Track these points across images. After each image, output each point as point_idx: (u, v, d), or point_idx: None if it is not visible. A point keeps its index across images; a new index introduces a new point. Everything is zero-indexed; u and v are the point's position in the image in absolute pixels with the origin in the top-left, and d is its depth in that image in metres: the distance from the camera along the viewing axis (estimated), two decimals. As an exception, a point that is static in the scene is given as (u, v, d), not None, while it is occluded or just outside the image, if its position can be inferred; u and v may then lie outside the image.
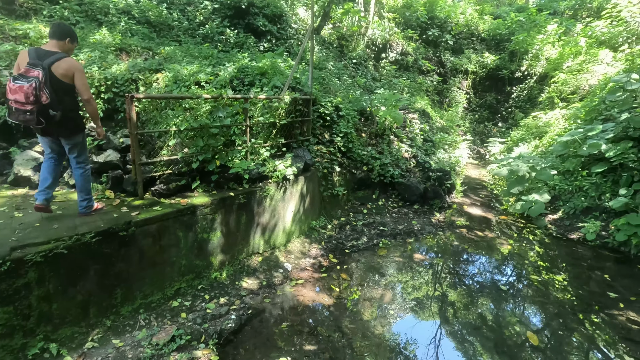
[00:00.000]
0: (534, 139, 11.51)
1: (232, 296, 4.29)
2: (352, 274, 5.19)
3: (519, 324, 4.55)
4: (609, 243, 6.38)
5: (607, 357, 4.01)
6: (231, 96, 4.73)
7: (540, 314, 4.75)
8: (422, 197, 7.77)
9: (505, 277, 5.72)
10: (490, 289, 5.25)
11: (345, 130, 7.40)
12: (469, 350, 4.01)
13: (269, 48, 10.26)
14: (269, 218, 5.10)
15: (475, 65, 16.71)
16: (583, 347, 4.19)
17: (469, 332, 4.28)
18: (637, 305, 4.85)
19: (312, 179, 5.94)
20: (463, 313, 4.64)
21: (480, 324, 4.44)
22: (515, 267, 5.96)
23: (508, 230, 7.34)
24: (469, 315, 4.61)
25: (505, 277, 5.69)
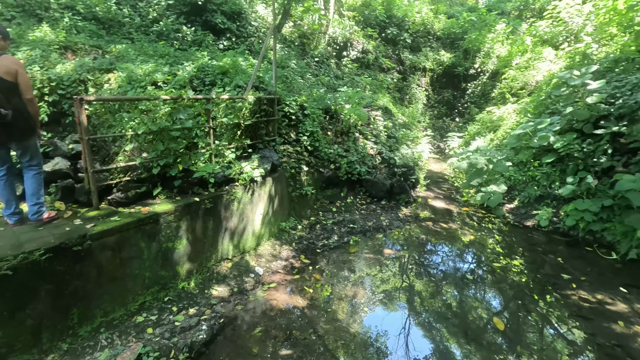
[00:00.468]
0: (489, 133, 12.14)
1: (201, 306, 4.11)
2: (324, 274, 5.17)
3: (481, 308, 4.79)
4: (560, 228, 6.86)
5: (562, 334, 4.31)
6: (192, 97, 4.51)
7: (500, 298, 5.01)
8: (389, 193, 7.93)
9: (468, 265, 5.97)
10: (455, 277, 5.46)
11: (311, 129, 7.37)
12: (436, 336, 4.16)
13: (229, 46, 9.97)
14: (237, 222, 4.94)
15: (432, 63, 17.32)
16: (540, 326, 4.47)
17: (436, 319, 4.42)
18: (587, 284, 5.25)
19: (280, 180, 5.85)
20: (430, 302, 4.78)
21: (446, 310, 4.60)
22: (477, 255, 6.25)
23: (470, 220, 7.68)
24: (436, 303, 4.76)
25: (468, 265, 5.95)
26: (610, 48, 10.14)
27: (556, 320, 4.60)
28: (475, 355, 3.86)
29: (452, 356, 3.86)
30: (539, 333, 4.38)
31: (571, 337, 4.27)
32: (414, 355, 3.83)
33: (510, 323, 4.43)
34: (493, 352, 3.93)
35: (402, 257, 5.95)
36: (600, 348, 4.01)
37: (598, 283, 5.28)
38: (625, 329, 4.29)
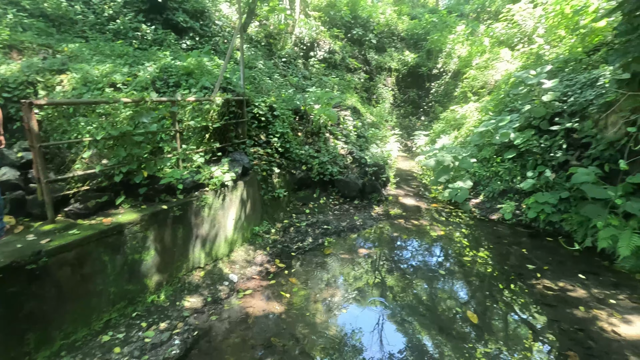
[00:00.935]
0: (453, 131, 12.58)
1: (173, 319, 3.91)
2: (300, 277, 5.11)
3: (451, 299, 4.95)
4: (523, 220, 7.23)
5: (528, 322, 4.52)
6: (156, 99, 4.28)
7: (469, 289, 5.19)
8: (361, 192, 7.99)
9: (438, 259, 6.14)
10: (426, 272, 5.58)
11: (282, 130, 7.26)
12: (408, 330, 4.26)
13: (192, 46, 9.62)
14: (208, 228, 4.76)
15: (397, 63, 17.71)
16: (508, 315, 4.67)
17: (409, 313, 4.49)
18: (549, 273, 5.56)
19: (251, 183, 5.70)
20: (403, 297, 4.85)
21: (418, 304, 4.69)
22: (446, 249, 6.43)
23: (439, 216, 7.91)
24: (408, 298, 4.84)
25: (439, 259, 6.11)
26: (560, 49, 10.83)
27: (523, 308, 4.81)
28: (446, 345, 3.97)
29: (424, 347, 3.93)
30: (506, 322, 4.57)
31: (537, 324, 4.49)
32: (389, 350, 3.87)
33: (479, 313, 4.58)
34: (463, 340, 4.06)
35: (376, 256, 6.01)
36: (564, 333, 4.24)
37: (559, 271, 5.60)
38: (586, 314, 4.57)
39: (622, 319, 4.47)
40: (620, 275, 5.52)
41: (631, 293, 5.04)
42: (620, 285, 5.24)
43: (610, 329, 4.28)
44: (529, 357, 3.93)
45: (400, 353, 3.87)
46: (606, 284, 5.25)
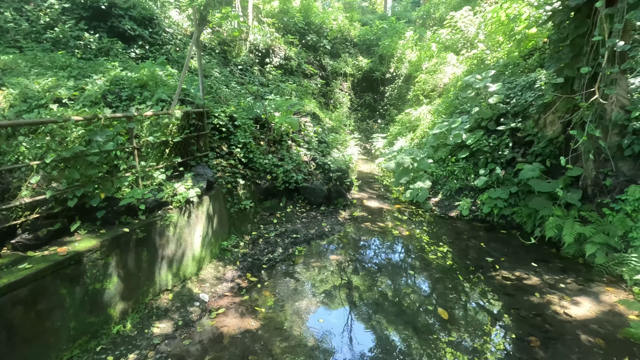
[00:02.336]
0: (409, 133, 13.13)
1: (143, 348, 3.69)
2: (274, 290, 5.04)
3: (415, 294, 5.19)
4: (479, 215, 7.71)
5: (490, 311, 4.83)
6: (110, 115, 4.01)
7: (432, 283, 5.44)
8: (327, 198, 8.06)
9: (403, 257, 6.37)
10: (394, 271, 5.77)
11: (244, 140, 7.14)
12: (376, 327, 4.41)
13: (142, 55, 9.16)
14: (175, 248, 4.55)
15: (352, 68, 18.14)
16: (470, 306, 4.96)
17: (378, 312, 4.61)
18: (506, 264, 5.98)
19: (217, 197, 5.54)
20: (373, 297, 4.97)
21: (387, 303, 4.83)
22: (410, 248, 6.69)
23: (402, 216, 8.20)
24: (377, 298, 4.96)
25: (404, 257, 6.34)
26: (499, 54, 11.74)
27: (484, 298, 5.13)
28: (412, 338, 4.15)
29: (392, 343, 4.06)
30: (469, 312, 4.85)
31: (499, 312, 4.81)
32: (359, 350, 3.94)
33: (443, 306, 4.81)
34: (428, 332, 4.27)
35: (346, 260, 6.09)
36: (523, 319, 4.58)
37: (514, 261, 6.05)
38: (541, 299, 4.97)
39: (572, 301, 4.92)
40: (566, 260, 6.08)
41: (577, 276, 5.57)
42: (567, 270, 5.78)
43: (563, 312, 4.69)
44: (492, 344, 4.20)
45: (371, 351, 3.99)
46: (555, 270, 5.76)
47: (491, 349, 4.11)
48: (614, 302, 4.87)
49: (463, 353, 3.96)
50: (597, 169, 6.24)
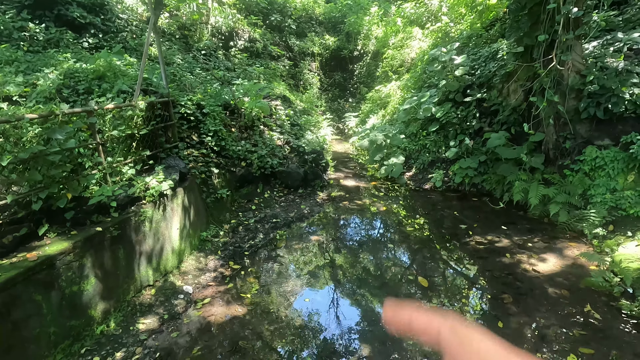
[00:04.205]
0: (380, 110, 13.23)
1: (130, 345, 3.65)
2: (258, 275, 5.08)
3: (396, 266, 5.41)
4: (452, 186, 8.00)
5: (466, 275, 5.10)
6: (68, 111, 3.79)
7: (411, 254, 5.67)
8: (304, 181, 8.08)
9: (382, 232, 6.56)
10: (374, 246, 5.95)
11: (214, 128, 6.97)
12: (361, 301, 4.56)
13: (96, 44, 8.62)
14: (152, 243, 4.46)
15: (319, 48, 17.87)
16: (447, 272, 5.22)
17: (362, 286, 4.78)
18: (479, 229, 6.27)
19: (191, 188, 5.43)
20: (357, 273, 5.13)
21: (370, 277, 5.01)
22: (388, 222, 6.89)
23: (378, 193, 8.37)
24: (361, 273, 5.13)
25: (383, 232, 6.54)
26: (463, 26, 11.90)
27: (460, 264, 5.41)
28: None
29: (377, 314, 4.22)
30: (447, 278, 5.10)
31: (474, 275, 5.09)
32: (346, 324, 4.08)
33: (423, 274, 5.04)
34: (409, 299, 4.44)
35: (327, 240, 6.20)
36: (496, 279, 4.87)
37: (486, 226, 6.36)
38: (511, 260, 5.29)
39: (539, 259, 5.27)
40: (533, 221, 6.46)
41: (542, 235, 5.95)
42: (534, 230, 6.14)
43: (531, 269, 5.02)
44: (470, 306, 4.46)
45: (358, 325, 4.13)
46: (523, 231, 6.11)
47: (470, 311, 4.36)
48: (576, 256, 5.25)
49: (443, 316, 4.18)
50: (557, 133, 6.58)
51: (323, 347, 3.84)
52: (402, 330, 0.52)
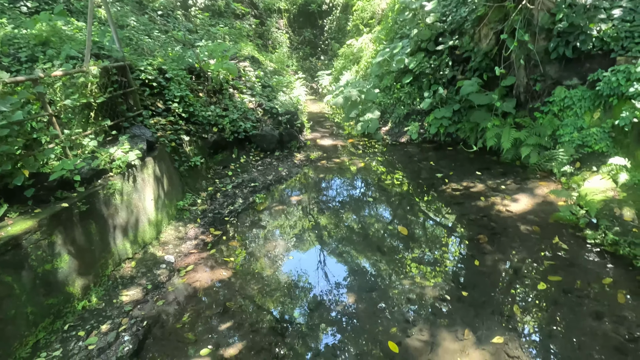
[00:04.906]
0: (353, 65, 12.88)
1: (115, 317, 3.62)
2: (240, 239, 5.07)
3: (378, 222, 5.50)
4: (427, 137, 8.05)
5: (445, 221, 5.27)
6: (10, 80, 3.44)
7: (392, 208, 5.78)
8: (280, 143, 7.92)
9: (362, 189, 6.62)
10: (355, 204, 6.02)
11: (180, 93, 6.59)
12: (347, 259, 4.63)
13: (36, 8, 7.77)
14: (126, 216, 4.31)
15: (286, 3, 16.89)
16: (426, 221, 5.37)
17: (346, 244, 4.88)
18: (454, 177, 6.41)
19: (162, 158, 5.21)
20: (347, 243, 5.21)
21: (353, 234, 5.11)
22: (367, 179, 6.93)
23: (356, 150, 8.35)
24: (351, 241, 5.22)
25: (363, 189, 6.60)
26: (433, -30, 11.39)
27: (438, 212, 5.56)
28: (381, 261, 4.44)
29: (363, 269, 4.35)
30: (427, 227, 5.26)
31: (452, 220, 5.26)
32: (334, 281, 4.18)
33: (404, 226, 5.17)
34: (394, 253, 4.58)
35: (307, 201, 6.20)
36: (472, 222, 5.06)
37: (461, 174, 6.50)
38: (486, 202, 5.47)
39: (512, 199, 5.47)
40: (506, 165, 6.64)
41: (515, 177, 6.15)
42: (507, 173, 6.33)
43: (504, 209, 5.22)
44: (449, 251, 4.64)
45: (345, 280, 4.21)
46: (497, 175, 6.29)
47: (449, 257, 4.54)
48: (546, 194, 5.48)
49: (426, 265, 4.33)
50: (528, 75, 6.60)
51: (310, 301, 3.94)
52: None
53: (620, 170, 4.84)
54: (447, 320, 3.47)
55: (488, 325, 3.36)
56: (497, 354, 3.06)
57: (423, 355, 3.12)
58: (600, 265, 4.01)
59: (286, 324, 3.60)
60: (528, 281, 3.91)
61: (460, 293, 3.79)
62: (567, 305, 3.52)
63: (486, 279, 3.97)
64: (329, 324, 3.58)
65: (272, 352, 3.27)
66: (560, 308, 3.50)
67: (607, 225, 4.32)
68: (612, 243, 4.13)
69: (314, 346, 3.33)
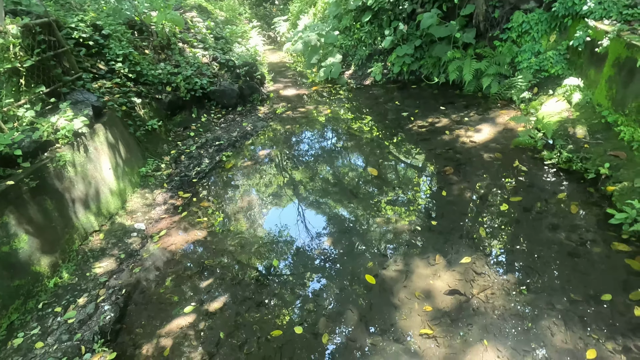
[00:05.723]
0: (310, 8, 12.12)
1: (91, 290, 3.56)
2: (211, 199, 4.97)
3: (351, 170, 5.50)
4: (391, 77, 7.92)
5: (414, 159, 5.37)
6: None
7: (363, 154, 5.80)
8: (241, 97, 7.57)
9: (330, 136, 6.56)
10: (326, 154, 5.98)
11: (122, 52, 6.00)
12: (325, 209, 4.62)
13: None
14: (84, 188, 4.07)
15: (229, -59, 15.22)
16: (397, 163, 5.46)
17: (321, 195, 4.92)
18: (420, 115, 6.44)
19: (113, 123, 4.85)
20: (318, 189, 5.22)
21: (326, 184, 5.14)
22: (336, 127, 6.85)
23: (321, 98, 8.14)
24: (323, 187, 5.23)
25: (332, 139, 6.53)
26: None
27: (407, 152, 5.63)
28: (357, 208, 4.50)
29: (342, 216, 4.43)
30: (398, 168, 5.35)
31: (420, 156, 5.36)
32: (315, 232, 4.23)
33: (376, 168, 5.24)
34: (369, 198, 4.62)
35: (276, 154, 6.10)
36: (439, 156, 5.18)
37: (426, 110, 6.53)
38: (451, 136, 5.58)
39: (475, 130, 5.60)
40: (468, 98, 6.72)
41: (477, 109, 6.25)
42: (470, 105, 6.42)
43: (469, 140, 5.36)
44: (420, 188, 4.78)
45: (325, 229, 4.26)
46: (460, 108, 6.37)
47: (418, 191, 4.67)
48: (507, 121, 5.65)
49: (397, 202, 4.44)
50: (487, 3, 6.46)
51: (288, 250, 4.02)
52: None
53: (574, 91, 5.00)
54: (419, 249, 3.66)
55: (457, 249, 3.57)
56: (466, 273, 3.29)
57: (399, 283, 3.31)
58: (556, 182, 4.28)
59: (268, 273, 3.68)
60: (492, 205, 4.13)
61: (430, 223, 3.97)
62: (527, 222, 3.78)
63: (454, 207, 4.16)
64: (309, 268, 3.69)
65: (256, 300, 3.37)
66: (521, 225, 3.76)
67: (562, 144, 4.54)
68: (566, 161, 4.38)
69: (296, 290, 3.44)
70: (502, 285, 3.15)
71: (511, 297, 3.02)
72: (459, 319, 2.91)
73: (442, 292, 3.15)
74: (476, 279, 3.23)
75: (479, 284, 3.18)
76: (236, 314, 3.25)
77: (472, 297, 3.07)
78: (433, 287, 3.22)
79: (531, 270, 3.23)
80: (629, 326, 2.65)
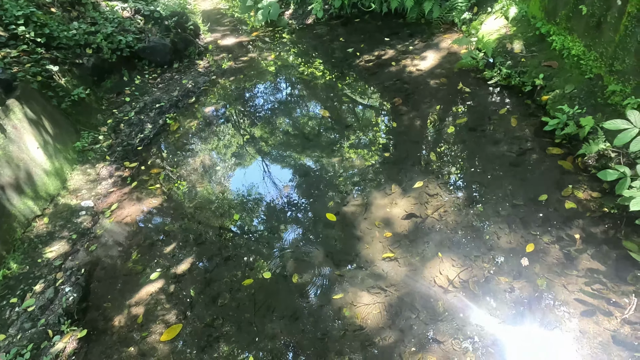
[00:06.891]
0: (237, -58, 10.91)
1: (47, 275, 3.39)
2: (162, 165, 4.73)
3: (309, 119, 5.34)
4: (333, 13, 7.53)
5: (367, 99, 5.32)
6: None
7: (316, 99, 5.65)
8: (175, 52, 6.93)
9: (281, 86, 6.28)
10: (277, 104, 5.77)
11: (21, 12, 5.18)
12: (289, 161, 4.50)
13: None
14: (12, 172, 3.70)
15: None
16: (344, 97, 5.39)
17: (282, 146, 4.79)
18: (366, 49, 6.26)
19: (30, 97, 4.31)
20: (272, 138, 5.07)
21: (287, 137, 5.02)
22: (284, 73, 6.54)
23: (263, 43, 7.65)
24: (276, 136, 5.09)
25: (282, 87, 6.27)
26: None
27: (360, 92, 5.53)
28: (321, 156, 4.42)
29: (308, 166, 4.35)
30: (346, 102, 5.29)
31: (369, 91, 5.32)
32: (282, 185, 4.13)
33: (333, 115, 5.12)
34: (332, 144, 4.46)
35: (223, 108, 5.80)
36: (387, 88, 5.17)
37: (372, 44, 6.36)
38: (397, 67, 5.53)
39: (420, 58, 5.58)
40: (412, 26, 6.59)
41: (421, 36, 6.18)
42: (414, 34, 6.32)
43: (415, 69, 5.35)
44: (375, 125, 4.78)
45: (281, 176, 4.21)
46: (405, 38, 6.26)
47: (370, 126, 4.68)
48: (450, 45, 5.65)
49: (352, 140, 4.44)
50: None
51: (247, 203, 3.99)
52: None
53: (510, 5, 5.02)
54: (375, 182, 3.76)
55: (410, 176, 3.70)
56: (420, 196, 3.46)
57: (359, 216, 3.43)
58: (497, 99, 4.45)
59: (231, 229, 3.66)
60: (439, 129, 4.26)
61: (384, 155, 4.05)
62: (472, 140, 3.95)
63: (405, 137, 4.25)
64: (272, 217, 3.71)
65: (224, 255, 3.38)
66: (467, 144, 3.93)
67: (501, 61, 4.65)
68: (505, 77, 4.52)
69: (261, 239, 3.48)
70: (453, 202, 3.35)
71: (461, 212, 3.23)
72: (416, 239, 3.10)
73: (400, 217, 3.31)
74: (430, 201, 3.40)
75: (433, 204, 3.36)
76: (205, 271, 3.26)
77: (427, 217, 3.25)
78: (391, 214, 3.36)
79: (478, 185, 3.44)
80: (561, 219, 2.96)
